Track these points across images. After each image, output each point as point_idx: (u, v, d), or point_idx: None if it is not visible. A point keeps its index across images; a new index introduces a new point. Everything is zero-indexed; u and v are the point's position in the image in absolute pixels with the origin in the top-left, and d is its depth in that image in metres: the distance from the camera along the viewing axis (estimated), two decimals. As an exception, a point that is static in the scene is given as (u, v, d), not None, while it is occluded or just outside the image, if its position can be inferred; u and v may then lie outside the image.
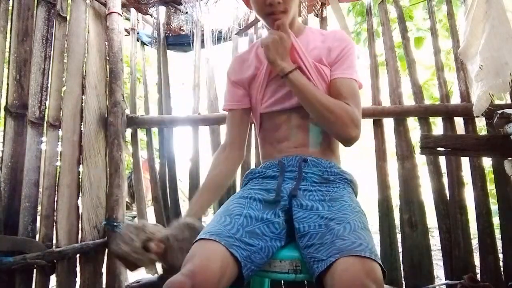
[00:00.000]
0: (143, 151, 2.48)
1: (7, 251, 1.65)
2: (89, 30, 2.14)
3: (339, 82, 1.14)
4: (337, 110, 1.07)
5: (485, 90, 1.53)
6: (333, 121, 1.07)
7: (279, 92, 1.19)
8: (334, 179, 1.11)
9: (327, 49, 1.18)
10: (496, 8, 1.55)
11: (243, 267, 0.89)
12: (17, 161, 1.72)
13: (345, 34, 1.25)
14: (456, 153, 1.65)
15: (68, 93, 2.00)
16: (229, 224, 0.96)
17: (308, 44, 1.20)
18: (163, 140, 2.23)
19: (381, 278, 0.79)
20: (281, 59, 1.10)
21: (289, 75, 1.08)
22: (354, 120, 1.08)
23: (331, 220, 0.94)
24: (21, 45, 1.77)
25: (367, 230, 0.93)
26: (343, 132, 1.08)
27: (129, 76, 2.47)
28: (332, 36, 1.22)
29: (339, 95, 1.11)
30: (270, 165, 1.18)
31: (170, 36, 2.40)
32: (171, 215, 2.14)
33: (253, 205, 1.04)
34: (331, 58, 1.17)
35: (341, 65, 1.15)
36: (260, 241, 0.95)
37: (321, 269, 0.83)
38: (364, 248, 0.82)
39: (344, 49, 1.17)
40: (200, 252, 0.88)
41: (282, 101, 1.18)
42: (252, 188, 1.13)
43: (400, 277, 1.78)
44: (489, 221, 1.72)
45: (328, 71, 1.16)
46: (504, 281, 1.66)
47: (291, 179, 1.10)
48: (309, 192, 1.07)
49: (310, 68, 1.14)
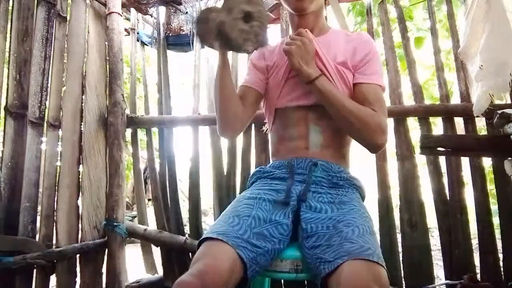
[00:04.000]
0: (143, 151, 2.48)
1: (7, 251, 1.65)
2: (89, 30, 2.14)
3: (365, 87, 1.12)
4: (363, 117, 1.05)
5: (485, 90, 1.53)
6: (360, 128, 1.06)
7: (298, 90, 1.17)
8: (343, 184, 1.11)
9: (352, 51, 1.16)
10: (496, 8, 1.55)
11: (248, 268, 0.89)
12: (17, 161, 1.72)
13: (369, 37, 1.23)
14: (456, 153, 1.65)
15: (68, 93, 2.00)
16: (237, 224, 0.96)
17: (330, 45, 1.18)
18: (163, 140, 2.23)
19: (388, 283, 0.81)
20: (306, 64, 1.08)
21: (315, 81, 1.07)
22: (381, 126, 1.07)
23: (339, 222, 0.95)
24: (21, 45, 1.77)
25: (374, 236, 0.93)
26: (369, 139, 1.07)
27: (129, 76, 2.47)
28: (358, 38, 1.20)
29: (364, 101, 1.09)
30: (279, 165, 1.17)
31: (170, 36, 2.40)
32: (171, 215, 2.14)
33: (262, 206, 1.03)
34: (356, 61, 1.15)
35: (366, 70, 1.14)
36: (268, 243, 0.95)
37: (328, 271, 0.83)
38: (372, 253, 0.82)
39: (370, 52, 1.15)
40: (208, 252, 0.88)
41: (299, 99, 1.17)
42: (261, 188, 1.12)
43: (400, 277, 1.78)
44: (489, 221, 1.72)
45: (351, 75, 1.14)
46: (504, 281, 1.66)
47: (301, 182, 1.10)
48: (319, 194, 1.06)
49: (333, 73, 1.13)
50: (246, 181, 1.55)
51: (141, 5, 2.29)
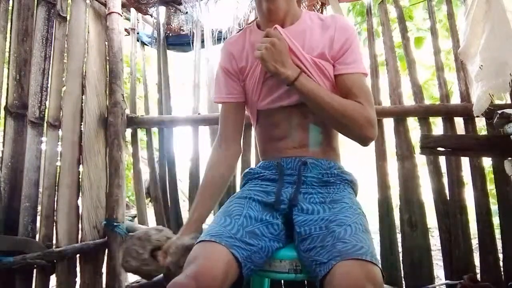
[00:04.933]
0: (143, 151, 2.48)
1: (7, 251, 1.65)
2: (89, 30, 2.14)
3: (347, 78, 1.06)
4: (350, 113, 1.01)
5: (485, 90, 1.53)
6: (347, 124, 1.03)
7: (277, 90, 1.11)
8: (334, 181, 1.09)
9: (329, 40, 1.09)
10: (496, 8, 1.55)
11: (243, 267, 0.89)
12: (17, 161, 1.72)
13: (346, 20, 1.16)
14: (456, 153, 1.65)
15: (68, 93, 2.00)
16: (229, 224, 0.96)
17: (305, 35, 1.10)
18: (163, 140, 2.23)
19: (381, 282, 0.80)
20: (283, 66, 1.01)
21: (295, 82, 1.01)
22: (369, 120, 1.03)
23: (331, 222, 0.94)
24: (21, 45, 1.77)
25: (368, 233, 0.92)
26: (359, 133, 1.04)
27: (129, 76, 2.47)
28: (333, 24, 1.11)
29: (348, 93, 1.05)
30: (268, 165, 1.15)
31: (170, 36, 2.40)
32: (171, 215, 2.14)
33: (253, 206, 1.03)
34: (334, 51, 1.08)
35: (346, 59, 1.07)
36: (260, 241, 0.95)
37: (323, 273, 0.83)
38: (365, 252, 0.82)
39: (348, 39, 1.08)
40: (202, 253, 0.87)
41: (281, 99, 1.11)
42: (251, 189, 1.11)
43: (400, 277, 1.78)
44: (489, 221, 1.72)
45: (330, 67, 1.08)
46: (504, 281, 1.66)
47: (291, 183, 1.08)
48: (309, 195, 1.05)
49: (310, 67, 1.06)
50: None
51: (141, 5, 2.29)
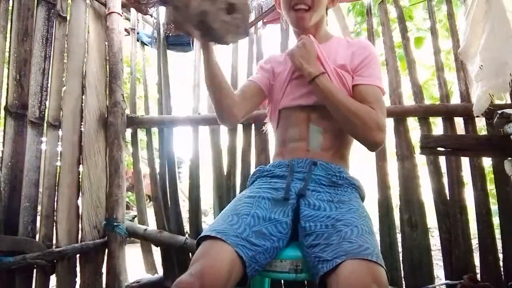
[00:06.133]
0: (143, 151, 2.48)
1: (7, 251, 1.65)
2: (89, 30, 2.14)
3: (363, 88, 1.15)
4: (362, 114, 1.07)
5: (485, 90, 1.53)
6: (358, 125, 1.08)
7: (299, 90, 1.21)
8: (343, 183, 1.12)
9: (351, 55, 1.20)
10: (496, 8, 1.55)
11: (247, 267, 0.89)
12: (17, 161, 1.72)
13: (369, 42, 1.28)
14: (456, 153, 1.65)
15: (68, 93, 2.00)
16: (236, 223, 0.96)
17: (330, 51, 1.22)
18: (163, 140, 2.23)
19: (387, 283, 0.81)
20: (307, 63, 1.13)
21: (315, 79, 1.10)
22: (379, 124, 1.08)
23: (338, 221, 0.95)
24: (21, 45, 1.77)
25: (373, 235, 0.94)
26: (368, 136, 1.09)
27: (129, 76, 2.47)
28: (357, 43, 1.24)
29: (363, 101, 1.12)
30: (279, 164, 1.19)
31: (170, 36, 2.40)
32: (171, 215, 2.14)
33: (262, 204, 1.04)
34: (354, 64, 1.18)
35: (364, 72, 1.17)
36: (267, 242, 0.95)
37: (326, 269, 0.84)
38: (371, 253, 0.83)
39: (368, 56, 1.18)
40: (207, 252, 0.88)
41: (301, 98, 1.20)
42: (260, 187, 1.13)
43: (400, 277, 1.78)
44: (489, 221, 1.72)
45: (350, 78, 1.17)
46: (504, 281, 1.66)
47: (300, 179, 1.11)
48: (318, 192, 1.07)
49: (332, 74, 1.16)
50: (246, 181, 1.56)
51: (141, 5, 2.29)
